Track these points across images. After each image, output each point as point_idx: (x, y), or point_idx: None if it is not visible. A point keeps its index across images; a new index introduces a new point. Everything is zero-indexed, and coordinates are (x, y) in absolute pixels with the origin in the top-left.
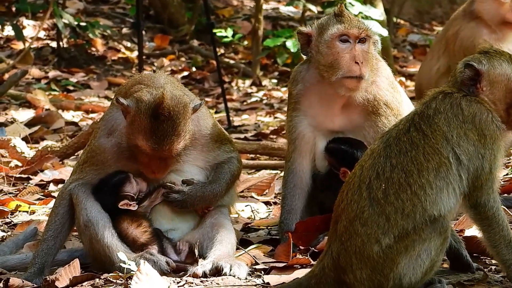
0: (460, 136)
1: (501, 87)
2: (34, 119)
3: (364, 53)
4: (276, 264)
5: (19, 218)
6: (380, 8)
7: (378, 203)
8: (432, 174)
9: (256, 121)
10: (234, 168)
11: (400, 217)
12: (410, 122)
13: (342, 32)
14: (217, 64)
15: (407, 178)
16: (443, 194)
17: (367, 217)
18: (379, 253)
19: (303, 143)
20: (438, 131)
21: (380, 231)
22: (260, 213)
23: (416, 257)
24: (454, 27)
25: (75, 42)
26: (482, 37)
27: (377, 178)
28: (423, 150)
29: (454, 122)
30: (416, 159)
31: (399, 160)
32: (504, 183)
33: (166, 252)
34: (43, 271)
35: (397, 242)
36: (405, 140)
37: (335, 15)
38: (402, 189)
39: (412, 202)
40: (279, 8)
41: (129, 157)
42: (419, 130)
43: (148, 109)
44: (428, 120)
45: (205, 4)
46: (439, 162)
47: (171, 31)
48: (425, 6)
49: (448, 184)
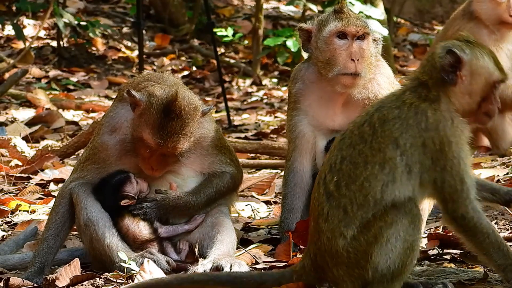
0: (416, 147)
1: (481, 80)
2: (34, 118)
3: (361, 50)
4: (277, 263)
5: (20, 218)
6: (380, 8)
7: (333, 196)
8: (376, 167)
9: (256, 121)
10: (223, 184)
11: (356, 207)
12: (368, 117)
13: (340, 29)
14: (218, 63)
15: (355, 170)
16: (393, 186)
17: (327, 213)
18: (346, 246)
19: (304, 142)
20: (388, 133)
21: (342, 224)
22: (260, 212)
23: (385, 243)
24: (454, 27)
25: (75, 42)
26: (481, 37)
27: (330, 172)
28: (370, 145)
29: (413, 129)
30: (363, 152)
31: (348, 152)
32: (504, 182)
33: (166, 252)
34: (44, 271)
35: (362, 232)
36: (356, 133)
37: (335, 11)
38: (351, 180)
39: (361, 192)
40: (280, 7)
41: (131, 151)
42: (371, 126)
43: (160, 105)
44: (384, 121)
45: (205, 4)
46: (383, 159)
47: (171, 30)
48: (425, 5)
49: (394, 180)
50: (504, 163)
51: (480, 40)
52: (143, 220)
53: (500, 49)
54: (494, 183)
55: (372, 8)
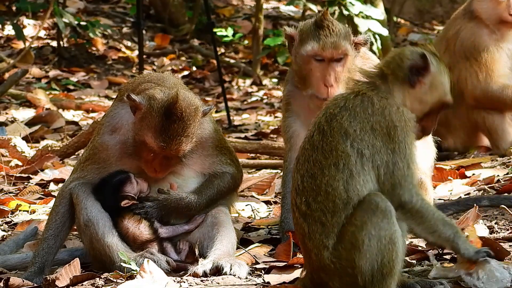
0: (365, 131)
1: (436, 94)
2: (34, 118)
3: (337, 74)
4: (277, 263)
5: (20, 218)
6: (380, 8)
7: (307, 215)
8: (332, 169)
9: (256, 121)
10: (223, 184)
11: (330, 216)
12: (316, 126)
13: (316, 52)
14: (218, 63)
15: (315, 182)
16: (353, 181)
17: (308, 231)
18: (330, 257)
19: (298, 141)
20: (337, 128)
21: (323, 236)
22: (260, 212)
23: (362, 246)
24: (455, 27)
25: (75, 42)
26: (482, 37)
27: (297, 195)
28: (321, 149)
29: (360, 116)
30: (317, 161)
31: (305, 168)
32: (504, 182)
33: (166, 252)
34: (44, 271)
35: (339, 241)
36: (307, 147)
37: (315, 24)
38: (315, 193)
39: (329, 199)
40: (280, 7)
41: (133, 154)
42: (320, 132)
43: (161, 108)
44: (331, 118)
45: (205, 3)
46: (336, 157)
47: (171, 30)
48: (425, 5)
49: (352, 173)
50: (504, 163)
51: (480, 39)
52: (144, 219)
53: (500, 49)
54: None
55: (372, 8)
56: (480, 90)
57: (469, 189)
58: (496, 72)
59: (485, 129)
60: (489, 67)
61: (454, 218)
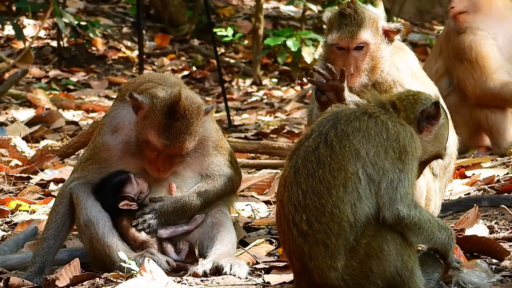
0: (378, 155)
1: (437, 146)
2: (34, 118)
3: (357, 62)
4: (277, 263)
5: (20, 218)
6: (380, 8)
7: (308, 235)
8: (341, 190)
9: (256, 121)
10: (220, 187)
11: (334, 238)
12: (322, 138)
13: (335, 41)
14: (218, 63)
15: (319, 200)
16: (362, 204)
17: (308, 253)
18: (340, 276)
19: None
20: (348, 147)
21: (327, 258)
22: (260, 212)
23: (380, 253)
24: (445, 28)
25: (75, 42)
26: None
27: (296, 212)
28: (329, 167)
29: (375, 140)
30: (323, 178)
31: (308, 184)
32: (504, 182)
33: (166, 252)
34: (43, 270)
35: (352, 258)
36: (312, 159)
37: (340, 13)
38: (320, 213)
39: (334, 221)
40: (280, 7)
41: (135, 154)
42: (328, 147)
43: (164, 106)
44: (342, 136)
45: (205, 3)
46: (345, 177)
47: (171, 30)
48: (425, 5)
49: (360, 197)
50: (504, 163)
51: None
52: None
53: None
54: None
55: (372, 8)
56: (480, 89)
57: (469, 189)
58: (489, 68)
59: (487, 127)
60: (480, 65)
61: (454, 218)
